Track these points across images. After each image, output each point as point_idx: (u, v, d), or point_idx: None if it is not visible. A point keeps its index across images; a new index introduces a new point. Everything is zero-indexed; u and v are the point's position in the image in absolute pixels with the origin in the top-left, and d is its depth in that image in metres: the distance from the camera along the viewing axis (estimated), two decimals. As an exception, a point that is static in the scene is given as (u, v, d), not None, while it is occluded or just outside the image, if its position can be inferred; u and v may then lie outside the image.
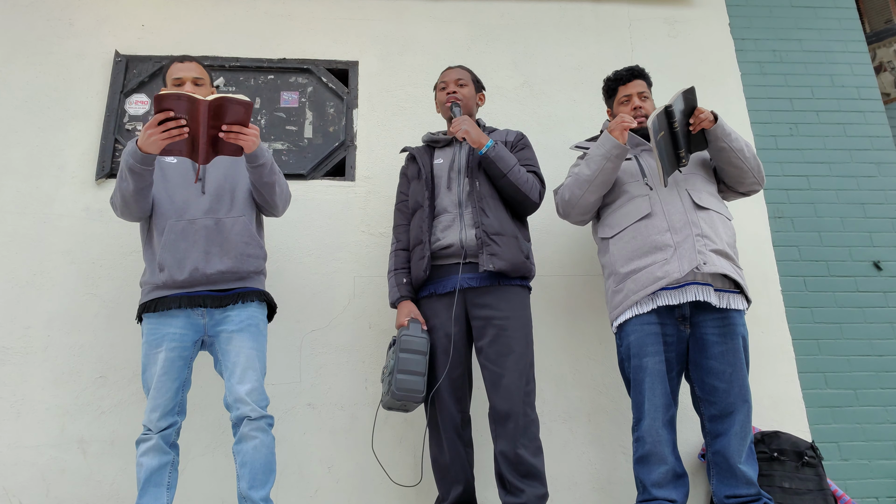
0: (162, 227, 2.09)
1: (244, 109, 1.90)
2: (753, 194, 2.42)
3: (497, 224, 2.22)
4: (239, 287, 2.11)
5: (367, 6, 3.24)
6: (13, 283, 2.63)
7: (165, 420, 1.99)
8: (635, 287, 2.17)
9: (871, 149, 3.18)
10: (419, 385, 2.07)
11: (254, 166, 2.09)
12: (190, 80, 2.17)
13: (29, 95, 2.92)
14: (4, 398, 2.48)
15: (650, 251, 2.17)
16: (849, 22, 3.45)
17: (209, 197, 2.13)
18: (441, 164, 2.38)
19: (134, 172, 1.98)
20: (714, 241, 2.16)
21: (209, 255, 2.06)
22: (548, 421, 2.61)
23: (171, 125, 1.84)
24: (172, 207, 2.10)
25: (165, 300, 2.05)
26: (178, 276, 2.03)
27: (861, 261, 2.97)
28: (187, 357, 2.07)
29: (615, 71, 2.51)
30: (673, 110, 2.10)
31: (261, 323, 2.15)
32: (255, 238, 2.15)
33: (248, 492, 1.95)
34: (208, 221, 2.09)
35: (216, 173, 2.18)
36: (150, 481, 1.93)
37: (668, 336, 2.17)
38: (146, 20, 3.11)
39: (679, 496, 2.07)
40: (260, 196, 2.18)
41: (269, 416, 2.04)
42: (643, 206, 2.25)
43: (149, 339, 2.05)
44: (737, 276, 2.16)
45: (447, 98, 2.40)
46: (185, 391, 2.07)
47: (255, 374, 2.04)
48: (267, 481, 1.98)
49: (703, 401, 2.19)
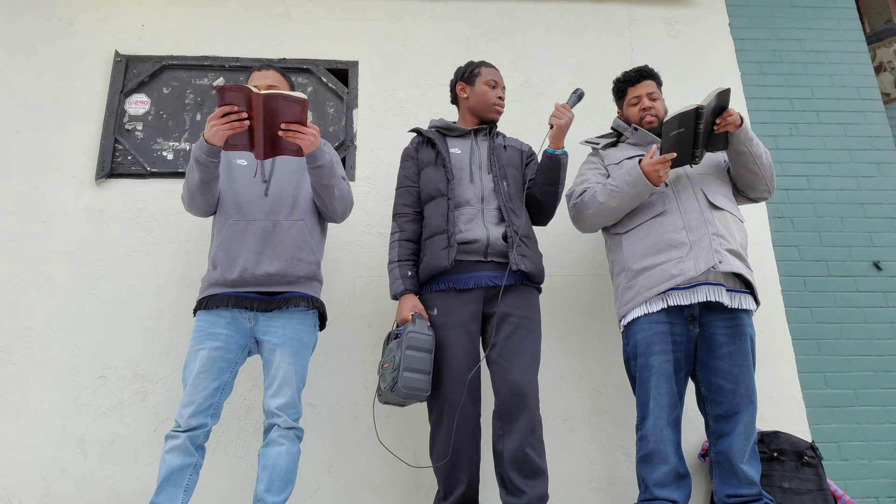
0: (222, 226, 2.13)
1: (300, 107, 1.91)
2: (761, 201, 2.43)
3: (526, 226, 2.25)
4: (287, 291, 2.10)
5: (367, 6, 3.25)
6: (13, 283, 2.63)
7: (196, 419, 1.97)
8: (648, 284, 2.16)
9: (871, 149, 3.18)
10: (425, 384, 2.02)
11: (313, 167, 2.09)
12: (264, 87, 2.20)
13: (29, 95, 2.92)
14: (4, 398, 2.48)
15: (665, 248, 2.16)
16: (849, 22, 3.45)
17: (272, 199, 2.15)
18: (459, 154, 2.32)
19: (200, 164, 2.02)
20: (729, 240, 2.16)
21: (261, 256, 2.07)
22: (548, 421, 2.61)
23: (233, 116, 1.88)
24: (235, 206, 2.13)
25: (215, 298, 2.07)
26: (228, 274, 2.06)
27: (861, 261, 2.97)
28: (231, 360, 2.06)
29: (624, 72, 2.50)
30: (703, 112, 2.06)
31: (305, 335, 2.12)
32: (308, 243, 2.15)
33: (263, 494, 1.95)
34: (266, 223, 2.11)
35: (281, 176, 2.20)
36: (170, 480, 1.93)
37: (676, 335, 2.16)
38: (146, 20, 3.11)
39: (681, 497, 2.07)
40: (319, 199, 2.18)
41: (299, 428, 2.05)
42: (658, 204, 2.24)
43: (195, 335, 2.06)
44: (750, 277, 2.16)
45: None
46: (223, 395, 2.05)
47: (291, 389, 2.04)
48: (284, 489, 1.98)
49: (708, 400, 2.18)
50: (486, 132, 2.40)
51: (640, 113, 2.41)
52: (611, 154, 2.42)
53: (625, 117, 2.49)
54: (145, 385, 2.53)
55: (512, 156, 2.38)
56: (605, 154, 2.44)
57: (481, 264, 2.17)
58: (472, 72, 2.41)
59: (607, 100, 3.09)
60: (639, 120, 2.41)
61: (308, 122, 1.97)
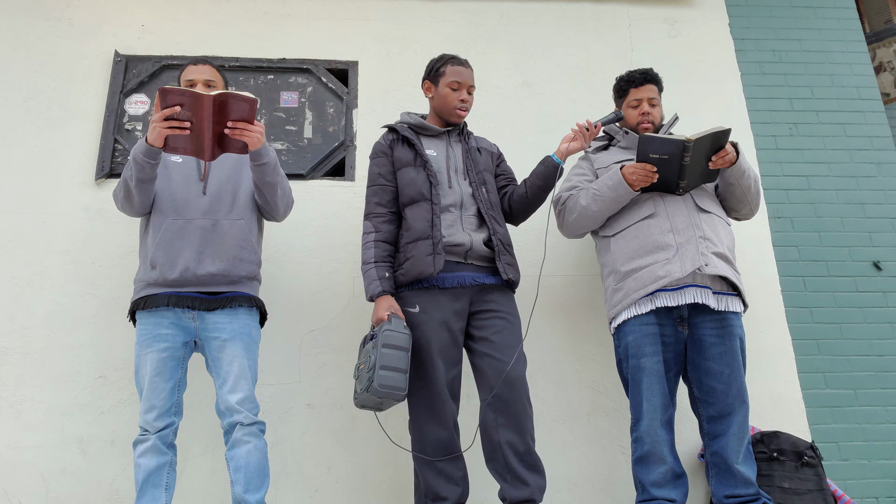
0: (159, 225, 2.09)
1: (249, 106, 1.90)
2: (743, 220, 2.48)
3: (507, 235, 2.28)
4: (229, 291, 2.10)
5: (367, 6, 3.24)
6: (13, 283, 2.63)
7: (162, 420, 1.98)
8: (636, 286, 2.17)
9: (871, 149, 3.18)
10: (402, 382, 1.97)
11: (257, 164, 2.09)
12: (202, 81, 2.19)
13: (29, 95, 2.92)
14: (4, 398, 2.48)
15: (652, 250, 2.18)
16: (849, 22, 3.45)
17: (210, 197, 2.12)
18: (436, 157, 2.29)
19: (138, 164, 1.99)
20: (715, 243, 2.18)
21: (202, 255, 2.05)
22: (548, 421, 2.61)
23: (175, 124, 1.86)
24: (172, 206, 2.10)
25: (155, 298, 2.04)
26: (168, 274, 2.03)
27: (861, 261, 2.97)
28: (179, 357, 2.06)
29: (629, 72, 2.50)
30: (690, 147, 2.08)
31: (253, 331, 2.13)
32: (250, 243, 2.15)
33: (243, 496, 1.94)
34: (206, 222, 2.09)
35: (219, 174, 2.18)
36: (149, 482, 1.93)
37: (666, 336, 2.18)
38: (146, 20, 3.11)
39: (679, 496, 2.08)
40: (262, 197, 2.17)
41: (261, 422, 2.04)
42: (646, 206, 2.26)
43: (140, 339, 2.05)
44: (735, 280, 2.18)
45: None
46: (180, 392, 2.06)
47: (247, 383, 2.04)
48: (262, 485, 1.98)
49: (701, 402, 2.19)
50: (458, 132, 2.39)
51: (639, 117, 2.41)
52: (601, 158, 2.44)
53: None
54: (145, 385, 2.53)
55: (486, 160, 2.39)
56: (596, 158, 2.46)
57: (462, 265, 2.18)
58: (437, 70, 2.32)
59: (607, 100, 3.09)
60: (635, 124, 2.42)
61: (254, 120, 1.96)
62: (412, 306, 2.13)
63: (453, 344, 2.12)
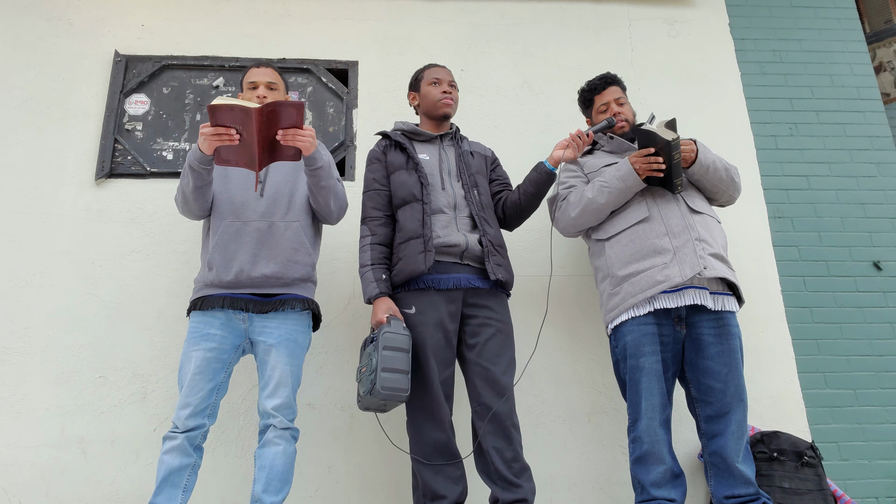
0: (217, 227, 2.13)
1: (296, 111, 1.91)
2: (728, 206, 2.49)
3: (499, 236, 2.29)
4: (283, 293, 2.11)
5: (367, 6, 3.25)
6: (13, 283, 2.63)
7: (194, 420, 1.98)
8: (633, 290, 2.18)
9: (871, 149, 3.18)
10: (404, 383, 1.99)
11: (312, 169, 2.10)
12: (264, 84, 2.23)
13: (29, 95, 2.92)
14: (4, 398, 2.48)
15: (649, 255, 2.18)
16: (849, 22, 3.45)
17: (267, 200, 2.15)
18: (428, 160, 2.33)
19: (193, 170, 2.04)
20: (711, 244, 2.20)
21: (257, 257, 2.08)
22: (548, 421, 2.61)
23: (223, 132, 1.90)
24: (230, 208, 2.14)
25: (210, 299, 2.07)
26: (224, 276, 2.06)
27: (861, 261, 2.97)
28: (225, 360, 2.06)
29: (588, 81, 2.55)
30: (676, 144, 2.11)
31: (300, 336, 2.13)
32: (304, 245, 2.16)
33: (261, 495, 1.95)
34: (262, 224, 2.11)
35: (276, 177, 2.20)
36: (168, 481, 1.93)
37: (664, 336, 2.18)
38: (146, 20, 3.11)
39: (678, 495, 2.08)
40: (316, 201, 2.18)
41: (295, 429, 2.06)
42: (641, 210, 2.26)
43: (190, 336, 2.06)
44: (733, 279, 2.20)
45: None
46: (219, 395, 2.06)
47: (287, 389, 2.05)
48: (282, 489, 1.98)
49: (699, 401, 2.19)
50: (451, 136, 2.42)
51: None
52: (588, 162, 2.45)
53: (594, 124, 2.51)
54: (145, 385, 2.53)
55: (479, 163, 2.41)
56: (584, 162, 2.47)
57: (458, 266, 2.19)
58: (417, 78, 2.46)
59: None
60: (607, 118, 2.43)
61: (304, 125, 1.97)
62: (408, 307, 2.16)
63: (447, 345, 2.14)
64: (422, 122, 2.45)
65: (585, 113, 2.58)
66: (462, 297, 2.19)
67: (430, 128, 2.42)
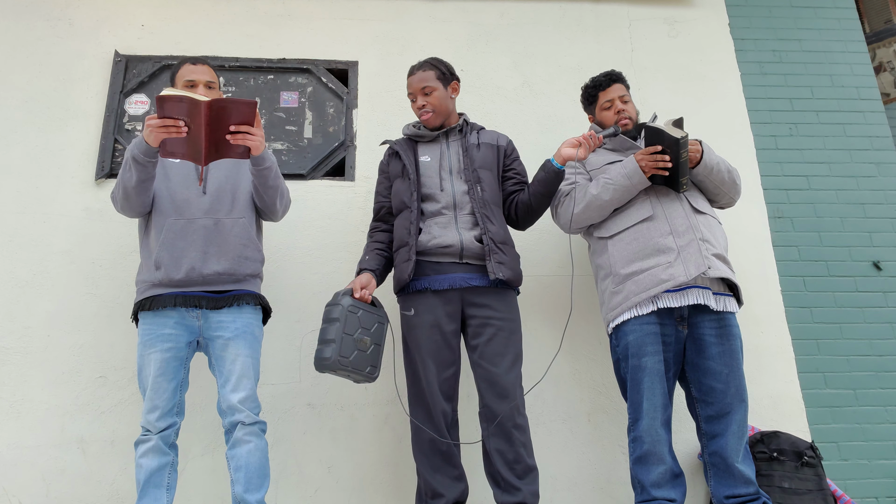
0: (161, 225, 2.09)
1: (249, 109, 1.89)
2: (727, 208, 2.50)
3: (502, 232, 2.26)
4: (234, 289, 2.11)
5: (367, 6, 3.25)
6: (13, 283, 2.63)
7: (164, 421, 1.98)
8: (637, 289, 2.17)
9: (871, 149, 3.18)
10: (327, 353, 2.02)
11: (260, 169, 2.09)
12: (203, 83, 2.18)
13: (29, 95, 2.92)
14: (4, 398, 2.48)
15: (652, 253, 2.18)
16: (849, 22, 3.45)
17: (210, 197, 2.13)
18: (429, 162, 2.32)
19: (137, 163, 1.99)
20: (714, 245, 2.20)
21: (207, 255, 2.06)
22: (548, 421, 2.61)
23: (170, 124, 1.86)
24: (172, 206, 2.10)
25: (160, 299, 2.04)
26: (174, 275, 2.03)
27: (861, 261, 2.97)
28: (182, 357, 2.06)
29: (592, 78, 2.53)
30: (684, 142, 2.12)
31: (256, 329, 2.14)
32: (253, 241, 2.15)
33: (243, 495, 1.94)
34: (207, 221, 2.09)
35: (218, 174, 2.18)
36: (150, 482, 1.93)
37: (666, 336, 2.18)
38: (146, 20, 3.11)
39: (678, 495, 2.08)
40: (262, 200, 2.18)
41: (262, 422, 2.04)
42: (644, 208, 2.26)
43: (143, 339, 2.05)
44: (735, 280, 2.21)
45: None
46: (182, 392, 2.07)
47: (250, 382, 2.04)
48: (262, 485, 1.98)
49: (699, 402, 2.19)
50: (457, 131, 2.39)
51: (615, 116, 2.42)
52: (591, 159, 2.44)
53: (599, 122, 2.50)
54: (145, 385, 2.53)
55: (486, 156, 2.35)
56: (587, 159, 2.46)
57: (456, 265, 2.19)
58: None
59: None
60: (614, 124, 2.43)
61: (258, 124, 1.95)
62: (408, 310, 2.20)
63: (445, 345, 2.14)
64: None
65: (588, 110, 2.56)
66: (460, 296, 2.18)
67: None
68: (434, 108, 2.32)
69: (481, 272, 2.20)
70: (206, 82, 2.18)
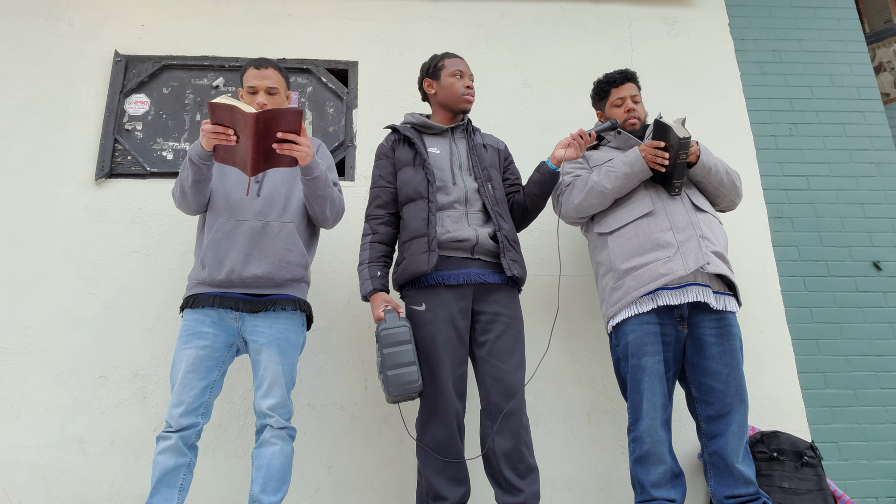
0: (212, 225, 2.12)
1: (294, 118, 1.90)
2: (728, 211, 2.50)
3: (513, 231, 2.26)
4: (274, 294, 2.10)
5: (367, 6, 3.25)
6: (13, 283, 2.63)
7: (187, 418, 1.97)
8: (636, 284, 2.17)
9: (871, 149, 3.18)
10: (413, 375, 1.98)
11: (308, 178, 2.09)
12: (264, 89, 2.18)
13: (29, 95, 2.92)
14: (4, 398, 2.48)
15: (652, 248, 2.18)
16: (848, 22, 3.45)
17: (263, 199, 2.14)
18: (439, 154, 2.28)
19: (193, 164, 2.03)
20: (714, 242, 2.20)
21: (249, 257, 2.07)
22: (548, 421, 2.61)
23: (220, 131, 1.90)
24: (226, 206, 2.13)
25: (202, 297, 2.06)
26: (216, 275, 2.05)
27: (861, 261, 2.97)
28: (218, 359, 2.06)
29: (606, 74, 2.52)
30: (686, 143, 2.12)
31: (292, 335, 2.12)
32: (298, 245, 2.14)
33: (259, 495, 1.95)
34: (256, 224, 2.10)
35: (275, 177, 2.20)
36: (164, 481, 1.93)
37: (666, 336, 2.18)
38: (146, 20, 3.11)
39: (678, 495, 2.08)
40: (312, 208, 2.18)
41: (292, 428, 2.05)
42: (645, 204, 2.26)
43: (182, 334, 2.06)
44: (734, 279, 2.21)
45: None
46: (213, 394, 2.05)
47: (281, 389, 2.04)
48: (280, 489, 1.98)
49: (699, 402, 2.19)
50: (463, 129, 2.38)
51: (625, 115, 2.42)
52: (594, 156, 2.45)
53: (605, 118, 2.50)
54: (145, 385, 2.53)
55: (492, 156, 2.37)
56: (589, 155, 2.47)
57: (469, 261, 2.16)
58: (436, 66, 2.36)
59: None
60: (622, 122, 2.43)
61: (304, 133, 1.95)
62: (418, 304, 2.13)
63: (459, 342, 2.10)
64: (434, 113, 2.40)
65: (598, 105, 2.55)
66: (472, 292, 2.16)
67: (442, 120, 2.36)
68: (474, 97, 2.35)
69: (492, 269, 2.18)
70: (266, 88, 2.19)
